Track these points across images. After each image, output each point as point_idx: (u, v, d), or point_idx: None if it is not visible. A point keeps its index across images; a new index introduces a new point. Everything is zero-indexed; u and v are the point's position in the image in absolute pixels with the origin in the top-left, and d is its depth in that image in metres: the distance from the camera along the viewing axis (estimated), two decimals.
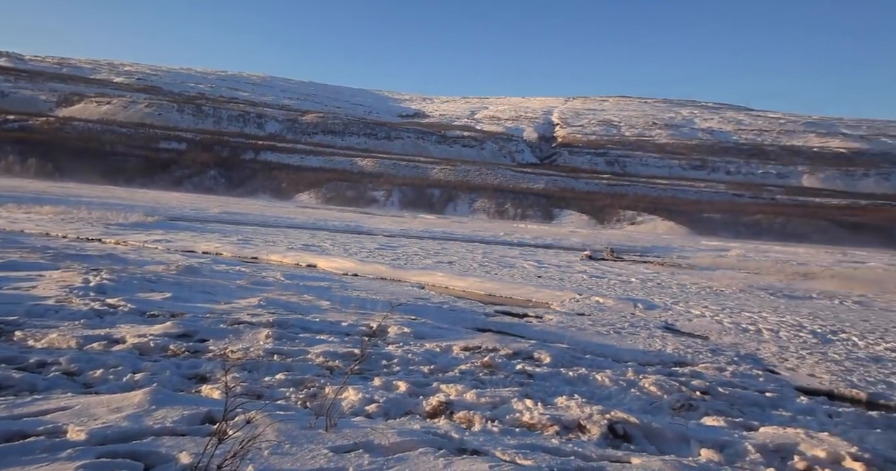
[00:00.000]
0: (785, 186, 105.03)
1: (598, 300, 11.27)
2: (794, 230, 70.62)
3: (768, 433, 3.93)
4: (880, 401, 5.75)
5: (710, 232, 68.97)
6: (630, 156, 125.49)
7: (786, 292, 14.80)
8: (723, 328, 9.22)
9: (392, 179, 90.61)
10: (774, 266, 24.16)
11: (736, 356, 7.27)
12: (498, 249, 23.53)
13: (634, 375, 5.62)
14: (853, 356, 7.63)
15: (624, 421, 3.81)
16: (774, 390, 5.69)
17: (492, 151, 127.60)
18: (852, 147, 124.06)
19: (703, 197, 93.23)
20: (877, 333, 9.38)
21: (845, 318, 11.00)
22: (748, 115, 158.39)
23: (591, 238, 40.04)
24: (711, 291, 14.35)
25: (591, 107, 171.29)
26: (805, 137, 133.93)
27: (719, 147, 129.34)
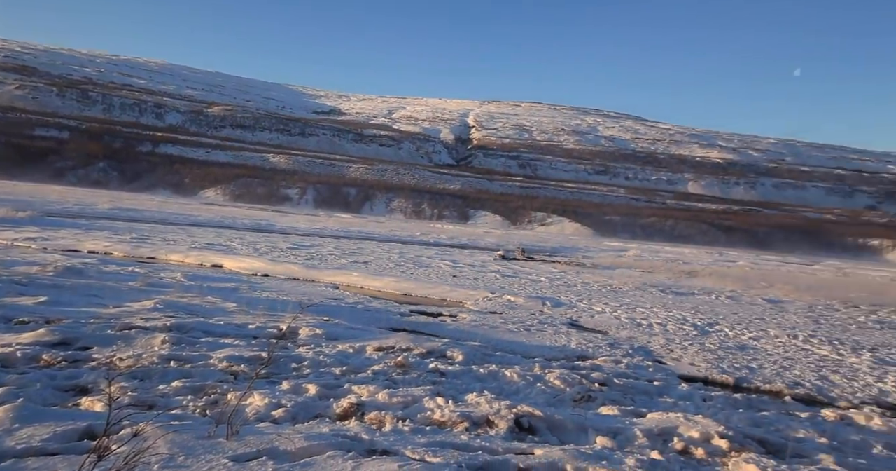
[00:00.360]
0: (674, 192, 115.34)
1: (510, 299, 11.70)
2: (680, 232, 77.83)
3: (654, 419, 4.33)
4: (744, 384, 6.51)
5: (612, 233, 74.02)
6: (541, 160, 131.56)
7: (673, 289, 16.22)
8: (620, 323, 9.93)
9: (306, 177, 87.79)
10: (665, 265, 26.44)
11: (630, 349, 7.86)
12: (414, 249, 23.62)
13: (541, 369, 5.91)
14: (725, 346, 8.55)
15: (529, 415, 4.01)
16: (661, 379, 6.24)
17: (409, 151, 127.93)
18: (727, 158, 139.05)
19: (606, 200, 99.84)
20: (743, 324, 10.60)
21: (719, 311, 12.31)
22: (644, 125, 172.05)
23: (504, 238, 41.40)
24: (611, 288, 15.37)
25: (504, 111, 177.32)
26: (690, 147, 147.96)
27: (620, 154, 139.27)
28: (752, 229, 79.96)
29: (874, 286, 23.15)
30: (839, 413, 5.33)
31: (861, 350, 8.81)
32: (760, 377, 6.78)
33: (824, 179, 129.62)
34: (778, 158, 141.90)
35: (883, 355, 8.56)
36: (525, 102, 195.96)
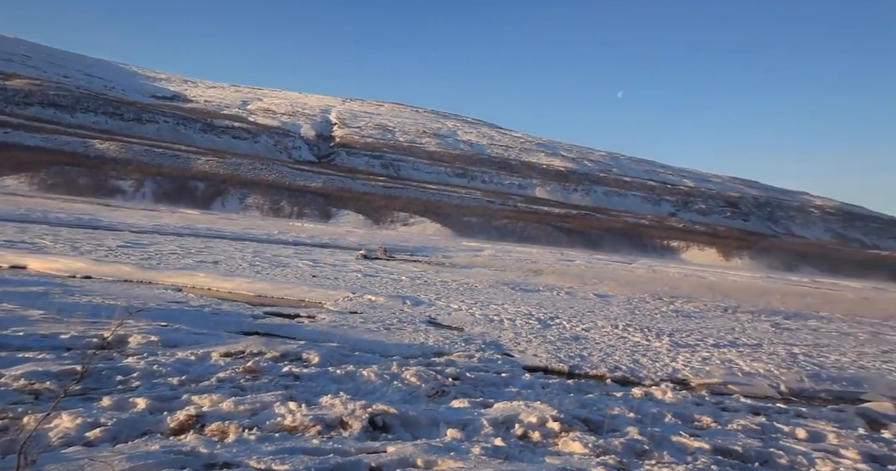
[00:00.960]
0: (524, 196, 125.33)
1: (371, 298, 11.68)
2: (529, 234, 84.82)
3: (500, 408, 4.68)
4: (576, 371, 7.34)
5: (470, 234, 77.84)
6: (404, 160, 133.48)
7: (522, 287, 17.60)
8: (475, 320, 10.50)
9: (144, 168, 77.85)
10: (515, 264, 28.60)
11: (483, 344, 8.37)
12: (271, 248, 22.34)
13: (398, 368, 6.00)
14: (563, 337, 9.53)
15: (384, 413, 4.06)
16: (508, 371, 6.75)
17: (266, 145, 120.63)
18: (567, 166, 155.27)
19: (465, 202, 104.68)
20: (578, 317, 11.93)
21: (560, 306, 13.68)
22: (498, 133, 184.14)
23: (367, 238, 41.14)
24: (468, 287, 16.16)
25: (367, 110, 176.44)
26: (537, 155, 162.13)
27: (477, 158, 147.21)
28: (587, 232, 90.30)
29: (673, 281, 27.68)
30: (644, 390, 6.28)
31: (662, 336, 10.46)
32: (589, 364, 7.69)
33: (640, 188, 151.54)
34: (607, 169, 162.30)
35: (677, 339, 10.27)
36: (388, 103, 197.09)
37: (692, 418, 5.36)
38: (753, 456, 4.26)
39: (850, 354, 10.52)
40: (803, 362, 9.12)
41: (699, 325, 12.65)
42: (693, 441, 4.42)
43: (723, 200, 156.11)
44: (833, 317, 17.38)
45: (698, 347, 9.73)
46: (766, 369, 8.26)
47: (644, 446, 4.12)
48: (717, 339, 10.80)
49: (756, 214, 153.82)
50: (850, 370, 8.82)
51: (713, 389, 7.07)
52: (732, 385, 7.29)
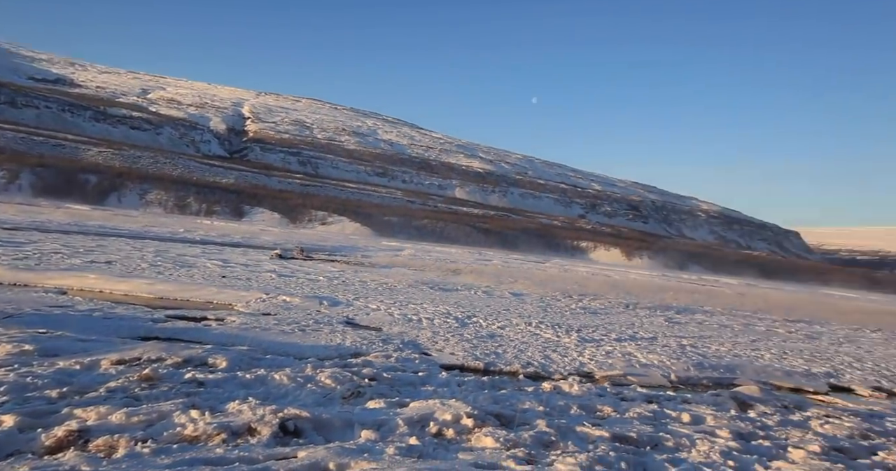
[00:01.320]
0: (444, 197, 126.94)
1: (286, 299, 11.27)
2: (448, 234, 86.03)
3: (416, 407, 4.72)
4: (491, 368, 7.57)
5: (390, 234, 77.43)
6: (322, 158, 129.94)
7: (441, 286, 17.80)
8: (393, 320, 10.47)
9: (20, 158, 69.42)
10: (435, 264, 28.87)
11: (401, 344, 8.36)
12: (176, 248, 20.80)
13: (313, 370, 5.84)
14: (479, 335, 9.77)
15: (296, 417, 3.94)
16: (425, 370, 6.80)
17: (171, 137, 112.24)
18: (486, 168, 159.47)
19: (385, 202, 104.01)
20: (494, 316, 12.28)
21: (477, 305, 14.01)
22: (419, 133, 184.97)
23: (283, 237, 39.58)
24: (387, 286, 16.07)
25: (284, 105, 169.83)
26: (457, 156, 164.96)
27: (397, 158, 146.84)
28: (504, 232, 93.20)
29: (582, 280, 29.39)
30: (553, 384, 6.61)
31: (571, 332, 11.06)
32: (503, 361, 7.95)
33: (553, 191, 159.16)
34: (522, 171, 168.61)
35: (584, 335, 10.91)
36: (306, 98, 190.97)
37: (595, 408, 5.72)
38: (646, 441, 4.64)
39: (727, 344, 11.75)
40: (690, 353, 10.05)
41: (604, 321, 13.51)
42: (595, 430, 4.72)
43: (626, 203, 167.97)
44: (715, 311, 19.31)
45: (603, 341, 10.39)
46: (660, 361, 9.01)
47: (551, 438, 4.34)
48: (619, 333, 11.59)
49: (654, 217, 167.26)
50: (727, 359, 9.85)
51: (614, 380, 7.59)
52: (631, 376, 7.87)
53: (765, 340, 12.99)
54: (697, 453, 4.45)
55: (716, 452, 4.50)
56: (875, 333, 17.86)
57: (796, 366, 9.97)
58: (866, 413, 6.82)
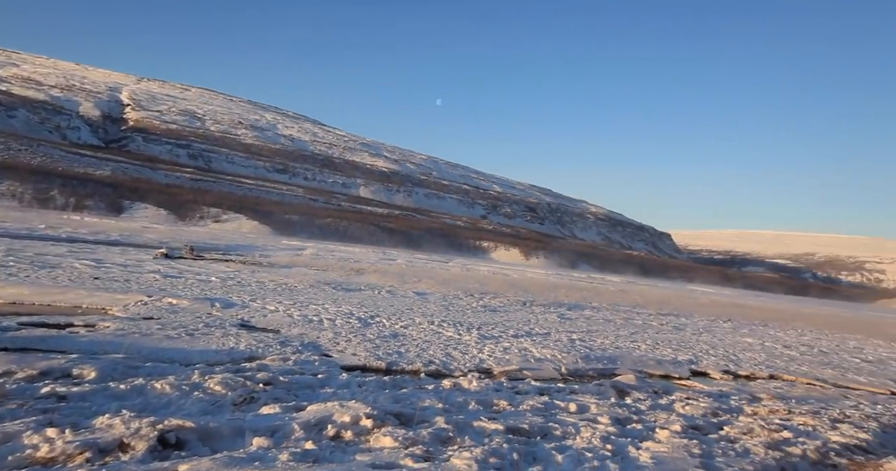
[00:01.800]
0: (348, 195, 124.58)
1: (172, 302, 10.40)
2: (353, 233, 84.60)
3: (313, 410, 4.60)
4: (394, 367, 7.58)
5: (291, 232, 74.38)
6: (216, 152, 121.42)
7: (344, 286, 17.47)
8: (293, 321, 10.09)
9: None
10: (338, 264, 28.24)
11: (300, 346, 8.09)
12: (34, 246, 18.28)
13: (201, 376, 5.47)
14: (382, 335, 9.74)
15: (178, 428, 3.66)
16: (325, 372, 6.65)
17: (27, 121, 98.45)
18: (391, 168, 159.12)
19: (286, 199, 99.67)
20: (397, 315, 12.31)
21: (380, 304, 13.95)
22: (322, 129, 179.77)
23: (170, 235, 36.41)
24: (286, 287, 15.44)
25: (170, 93, 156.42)
26: (361, 155, 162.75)
27: (299, 154, 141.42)
28: (408, 232, 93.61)
29: (483, 279, 30.42)
30: (453, 382, 6.78)
31: (472, 330, 11.41)
32: (406, 360, 8.00)
33: (456, 192, 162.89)
34: (427, 172, 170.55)
35: (484, 332, 11.31)
36: (196, 87, 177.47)
37: (492, 403, 5.96)
38: (536, 431, 4.93)
39: (610, 337, 12.82)
40: (579, 347, 10.82)
41: (503, 318, 14.09)
42: (491, 424, 4.92)
43: (525, 205, 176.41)
44: (601, 307, 20.96)
45: (501, 338, 10.84)
46: (552, 355, 9.60)
47: (449, 434, 4.46)
48: (517, 330, 12.16)
49: (550, 219, 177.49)
50: (609, 351, 10.75)
51: (511, 375, 7.94)
52: (526, 371, 8.29)
53: (641, 333, 14.34)
54: (581, 440, 4.81)
55: (597, 437, 4.90)
56: (726, 324, 20.46)
57: (666, 355, 11.13)
58: (717, 394, 7.83)
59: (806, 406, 7.60)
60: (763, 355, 12.99)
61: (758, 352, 13.36)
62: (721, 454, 4.74)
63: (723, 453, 4.77)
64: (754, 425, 5.94)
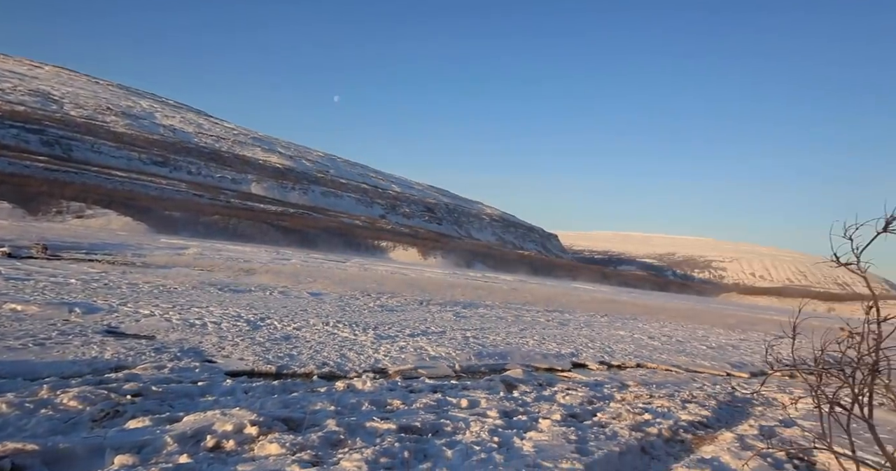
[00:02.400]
0: (238, 192, 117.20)
1: (15, 308, 9.04)
2: (243, 231, 79.75)
3: (190, 421, 4.26)
4: (284, 371, 7.28)
5: (171, 230, 68.22)
6: (78, 139, 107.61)
7: (232, 287, 16.41)
8: (171, 326, 9.27)
9: None
10: (226, 263, 26.42)
11: (179, 352, 7.46)
12: None
13: (51, 392, 4.81)
14: (273, 337, 9.30)
15: (14, 453, 3.19)
16: (207, 379, 6.19)
17: None
18: (285, 164, 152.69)
19: (166, 194, 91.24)
20: (290, 317, 11.83)
21: (272, 306, 13.30)
22: (208, 121, 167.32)
23: (18, 232, 31.62)
24: (165, 289, 14.16)
25: (17, 69, 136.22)
26: (253, 149, 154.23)
27: (182, 146, 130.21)
28: (304, 231, 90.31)
29: (381, 278, 30.29)
30: (347, 383, 6.67)
31: (368, 330, 11.31)
32: (298, 362, 7.71)
33: (355, 190, 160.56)
34: (324, 170, 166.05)
35: (381, 332, 11.27)
36: (50, 65, 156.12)
37: (385, 402, 5.95)
38: (428, 428, 5.01)
39: (502, 333, 13.43)
40: (473, 344, 11.18)
41: (400, 317, 14.12)
42: (383, 424, 4.92)
43: (423, 205, 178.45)
44: (494, 305, 21.85)
45: (397, 337, 10.86)
46: (447, 353, 9.81)
47: (340, 436, 4.37)
48: (413, 329, 12.26)
49: (447, 219, 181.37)
50: (501, 347, 11.26)
51: (406, 374, 7.99)
52: (421, 369, 8.39)
53: (530, 329, 15.18)
54: (471, 434, 4.98)
55: (485, 431, 5.10)
56: (603, 318, 22.38)
57: (551, 349, 11.90)
58: (593, 383, 8.54)
59: (664, 390, 8.56)
60: (632, 346, 14.38)
61: (628, 343, 14.77)
62: (593, 439, 5.17)
63: (595, 438, 5.20)
64: (622, 410, 6.57)
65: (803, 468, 4.79)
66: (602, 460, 4.53)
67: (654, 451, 5.23)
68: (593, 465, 4.38)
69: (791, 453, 5.03)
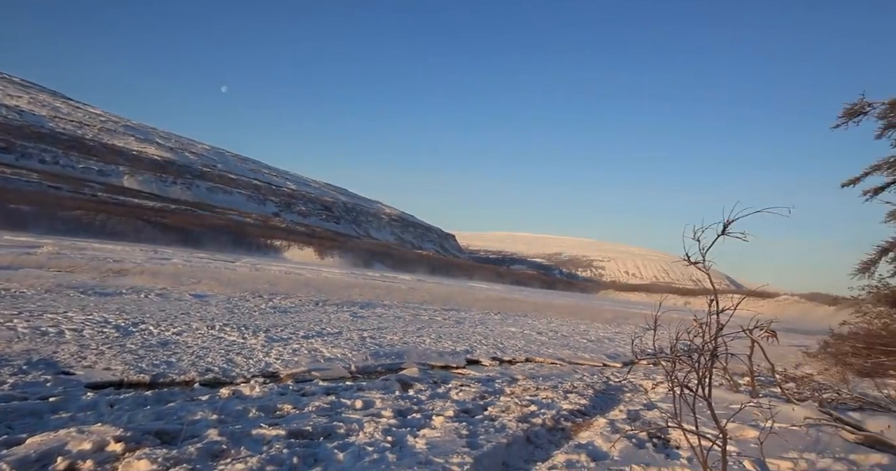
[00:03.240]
0: (107, 184, 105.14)
1: None
2: (114, 228, 71.64)
3: (35, 442, 3.74)
4: (160, 380, 6.66)
5: (19, 226, 59.25)
6: None
7: (97, 290, 14.69)
8: (16, 335, 8.07)
9: None
10: (90, 264, 23.52)
11: (25, 365, 6.52)
12: None
13: None
14: (147, 344, 8.48)
15: None
16: (62, 393, 5.49)
17: None
18: (165, 156, 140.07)
19: (12, 185, 79.17)
20: (169, 321, 10.86)
21: (147, 310, 12.11)
22: (66, 104, 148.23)
23: None
24: (8, 294, 12.29)
25: None
26: (125, 139, 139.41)
27: (32, 131, 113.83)
28: (187, 228, 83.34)
29: (274, 279, 28.89)
30: (233, 389, 6.29)
31: (259, 332, 10.75)
32: (177, 370, 7.10)
33: (246, 187, 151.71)
34: (211, 164, 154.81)
35: (273, 334, 10.76)
36: None
37: (275, 408, 5.70)
38: (320, 432, 4.89)
39: (399, 333, 13.47)
40: (370, 344, 11.09)
41: (294, 319, 13.57)
42: (272, 430, 4.71)
43: (320, 203, 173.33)
44: (392, 304, 21.84)
45: (291, 339, 10.43)
46: (343, 354, 9.63)
47: (222, 446, 4.11)
48: (308, 330, 11.85)
49: (345, 218, 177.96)
50: (398, 346, 11.29)
51: (299, 377, 7.70)
52: (315, 371, 8.14)
53: (427, 328, 15.39)
54: (364, 435, 4.94)
55: (379, 431, 5.09)
56: (496, 316, 23.37)
57: (447, 347, 12.17)
58: (485, 379, 8.89)
59: (549, 382, 9.16)
60: (522, 341, 15.18)
61: (519, 339, 15.56)
62: (483, 432, 5.38)
63: (485, 431, 5.42)
64: (511, 404, 6.91)
65: (660, 445, 5.39)
66: (490, 452, 4.74)
67: (538, 440, 5.58)
68: (482, 457, 4.56)
69: (651, 433, 5.64)
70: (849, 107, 13.95)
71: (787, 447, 5.08)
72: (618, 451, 5.01)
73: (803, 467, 4.67)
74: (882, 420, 5.82)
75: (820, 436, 5.51)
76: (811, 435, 5.52)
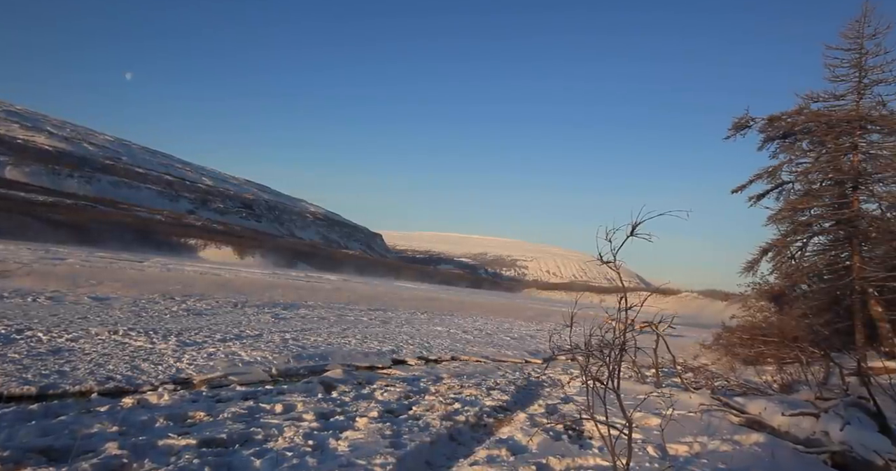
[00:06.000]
0: None
1: None
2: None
3: None
4: (50, 391, 6.03)
5: None
6: None
7: None
8: None
9: None
10: None
11: None
12: None
13: None
14: (35, 352, 7.65)
15: None
16: None
17: None
18: (58, 147, 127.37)
19: None
20: (62, 326, 9.87)
21: (35, 315, 10.92)
22: None
23: None
24: None
25: None
26: (8, 125, 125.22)
27: None
28: (85, 225, 76.21)
29: (188, 280, 27.17)
30: (137, 398, 5.84)
31: (170, 336, 10.05)
32: (71, 380, 6.47)
33: (156, 182, 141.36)
34: (115, 156, 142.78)
35: (185, 338, 10.10)
36: None
37: (186, 416, 5.37)
38: (236, 439, 4.67)
39: (324, 334, 13.15)
40: (292, 346, 10.72)
41: (209, 322, 12.83)
42: (181, 440, 4.43)
43: (240, 201, 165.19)
44: (316, 305, 21.27)
45: (206, 343, 9.85)
46: (263, 356, 9.24)
47: (122, 461, 3.80)
48: (225, 333, 11.25)
49: (267, 217, 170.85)
50: (322, 348, 11.02)
51: (214, 382, 7.29)
52: (232, 376, 7.74)
53: (352, 328, 15.15)
54: (284, 440, 4.77)
55: (299, 435, 4.94)
56: (423, 315, 23.49)
57: (372, 347, 12.05)
58: (411, 378, 8.91)
59: (473, 380, 9.34)
60: (449, 340, 15.36)
61: (445, 338, 15.73)
62: (408, 432, 5.39)
63: (409, 431, 5.43)
64: (435, 402, 6.98)
65: (574, 437, 5.69)
66: (414, 452, 4.76)
67: (462, 437, 5.67)
68: (405, 457, 4.57)
69: (567, 425, 5.94)
70: (737, 120, 15.47)
71: (684, 432, 5.56)
72: (536, 444, 5.22)
73: (697, 449, 5.14)
74: (760, 403, 6.53)
75: (711, 420, 6.08)
76: (704, 420, 6.07)
